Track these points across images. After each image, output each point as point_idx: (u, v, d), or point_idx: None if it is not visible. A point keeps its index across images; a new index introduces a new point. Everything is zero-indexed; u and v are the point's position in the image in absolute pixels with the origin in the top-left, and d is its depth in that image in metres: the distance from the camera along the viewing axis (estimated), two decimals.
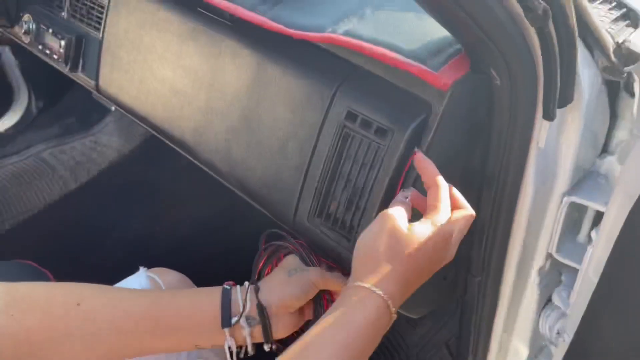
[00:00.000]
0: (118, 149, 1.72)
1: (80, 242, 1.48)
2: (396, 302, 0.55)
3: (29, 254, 1.32)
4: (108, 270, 1.37)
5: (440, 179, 0.59)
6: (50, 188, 1.63)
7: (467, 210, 0.60)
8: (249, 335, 0.64)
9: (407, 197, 0.60)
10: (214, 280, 0.92)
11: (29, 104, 1.74)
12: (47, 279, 1.07)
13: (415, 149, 0.62)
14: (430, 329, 1.17)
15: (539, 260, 0.78)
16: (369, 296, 0.54)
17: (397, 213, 0.57)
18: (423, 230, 0.56)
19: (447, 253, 0.59)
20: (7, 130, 1.71)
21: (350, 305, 0.54)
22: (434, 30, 0.65)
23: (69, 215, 1.57)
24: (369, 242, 0.57)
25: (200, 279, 0.92)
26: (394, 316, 0.55)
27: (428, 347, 1.14)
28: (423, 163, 0.60)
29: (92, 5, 1.02)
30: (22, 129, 1.72)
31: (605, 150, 0.77)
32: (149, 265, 0.83)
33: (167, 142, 0.92)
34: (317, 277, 0.68)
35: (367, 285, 0.54)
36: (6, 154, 1.65)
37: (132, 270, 0.83)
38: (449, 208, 0.59)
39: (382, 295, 0.54)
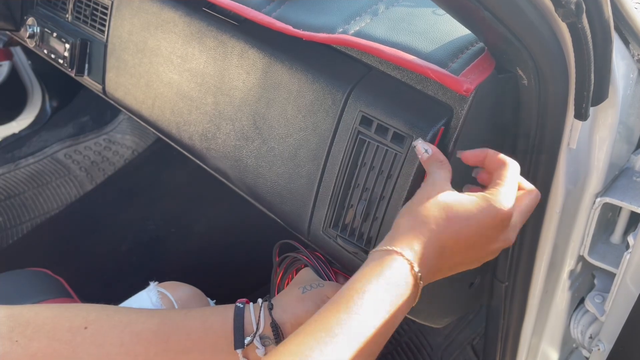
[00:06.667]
0: (132, 147, 1.71)
1: (96, 246, 1.47)
2: (425, 270, 0.49)
3: (45, 259, 1.32)
4: (122, 277, 1.37)
5: (505, 157, 0.54)
6: (66, 189, 1.62)
7: (531, 192, 0.55)
8: (263, 355, 0.61)
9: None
10: (228, 286, 0.90)
11: (43, 103, 1.74)
12: (61, 286, 1.05)
13: (458, 152, 0.58)
14: (454, 327, 1.13)
15: (570, 263, 0.75)
16: (392, 259, 0.48)
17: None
18: (473, 200, 0.51)
19: (503, 234, 0.53)
20: (22, 131, 1.70)
21: (371, 271, 0.48)
22: (453, 29, 0.60)
23: (85, 218, 1.56)
24: (407, 207, 0.53)
25: (214, 283, 0.90)
26: (421, 284, 0.49)
27: (452, 348, 1.11)
28: (474, 156, 0.56)
29: (95, 6, 0.99)
30: (38, 129, 1.71)
31: None
32: (162, 271, 0.81)
33: (176, 146, 0.89)
34: (333, 293, 0.64)
35: (389, 247, 0.49)
36: (22, 155, 1.64)
37: (145, 277, 0.81)
38: (513, 186, 0.53)
39: (406, 257, 0.48)
